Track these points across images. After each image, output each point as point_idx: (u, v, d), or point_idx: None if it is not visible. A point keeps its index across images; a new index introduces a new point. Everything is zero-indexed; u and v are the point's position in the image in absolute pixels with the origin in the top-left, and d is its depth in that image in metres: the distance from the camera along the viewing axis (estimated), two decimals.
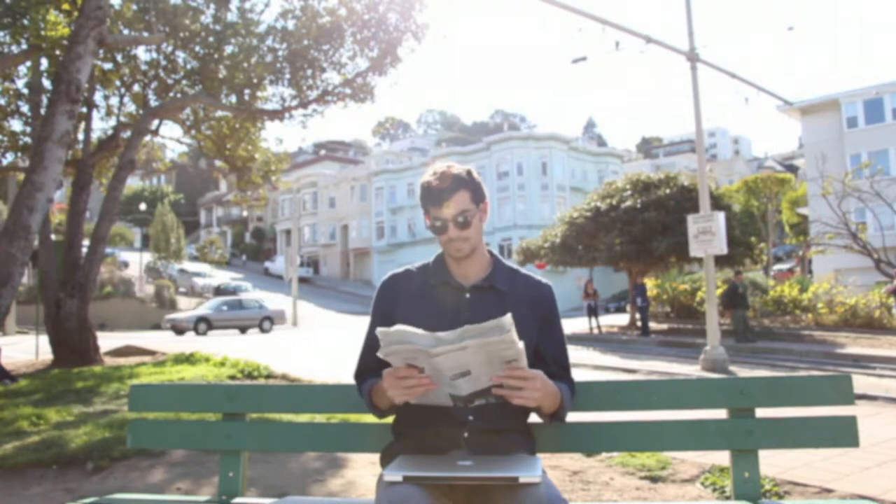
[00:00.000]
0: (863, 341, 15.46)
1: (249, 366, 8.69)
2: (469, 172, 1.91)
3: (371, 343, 1.97)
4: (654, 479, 3.87)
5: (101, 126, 25.54)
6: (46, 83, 11.01)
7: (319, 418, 4.46)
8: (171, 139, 16.49)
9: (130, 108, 13.24)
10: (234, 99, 12.45)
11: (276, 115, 12.50)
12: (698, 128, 12.77)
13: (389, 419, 1.99)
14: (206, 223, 73.43)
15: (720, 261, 17.88)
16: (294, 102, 12.54)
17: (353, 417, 3.11)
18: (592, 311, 21.16)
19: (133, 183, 62.16)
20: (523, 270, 2.03)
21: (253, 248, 66.80)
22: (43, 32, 9.26)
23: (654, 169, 51.35)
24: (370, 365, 1.93)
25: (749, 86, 14.90)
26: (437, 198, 1.86)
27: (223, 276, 43.53)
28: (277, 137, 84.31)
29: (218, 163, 15.27)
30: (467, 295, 1.92)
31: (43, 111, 9.22)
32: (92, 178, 11.90)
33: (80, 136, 11.78)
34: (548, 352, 1.96)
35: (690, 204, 17.36)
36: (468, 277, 1.95)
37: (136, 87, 12.99)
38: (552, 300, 1.99)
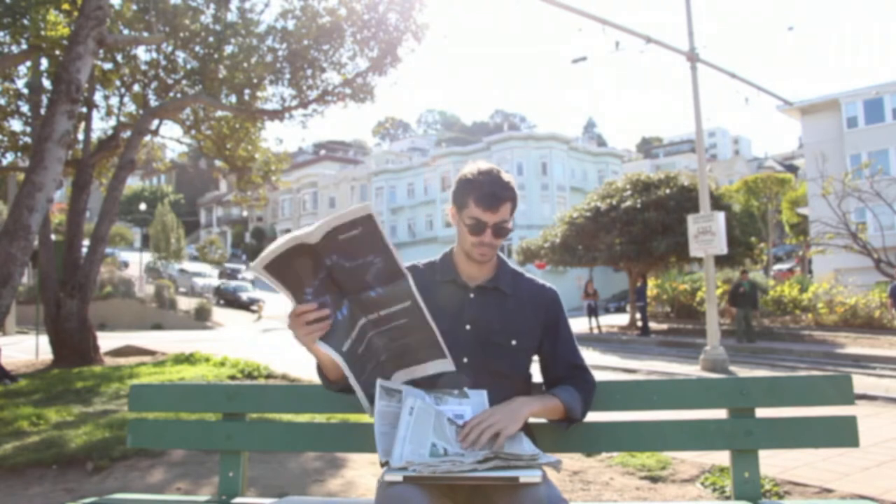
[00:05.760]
0: (863, 341, 15.46)
1: (249, 366, 8.69)
2: (513, 182, 1.89)
3: None
4: (654, 479, 3.87)
5: (101, 126, 25.55)
6: (46, 83, 11.00)
7: (319, 418, 4.46)
8: (171, 139, 16.48)
9: (130, 108, 13.24)
10: (234, 99, 12.45)
11: (276, 115, 12.50)
12: (698, 128, 12.76)
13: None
14: (206, 223, 73.39)
15: (720, 261, 17.88)
16: (294, 102, 12.54)
17: (353, 417, 3.11)
18: (592, 311, 21.18)
19: (133, 183, 62.12)
20: (528, 274, 2.03)
21: (253, 248, 66.76)
22: (43, 32, 9.25)
23: (654, 169, 51.33)
24: None
25: (749, 86, 14.90)
26: (487, 199, 1.82)
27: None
28: (277, 137, 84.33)
29: (218, 163, 15.26)
30: (471, 295, 1.93)
31: (43, 111, 9.22)
32: (92, 178, 11.90)
33: (80, 136, 11.78)
34: (558, 355, 1.96)
35: (690, 204, 17.36)
36: (474, 278, 1.95)
37: (136, 87, 12.98)
38: (558, 304, 2.00)
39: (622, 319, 24.45)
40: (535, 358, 2.00)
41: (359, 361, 1.64)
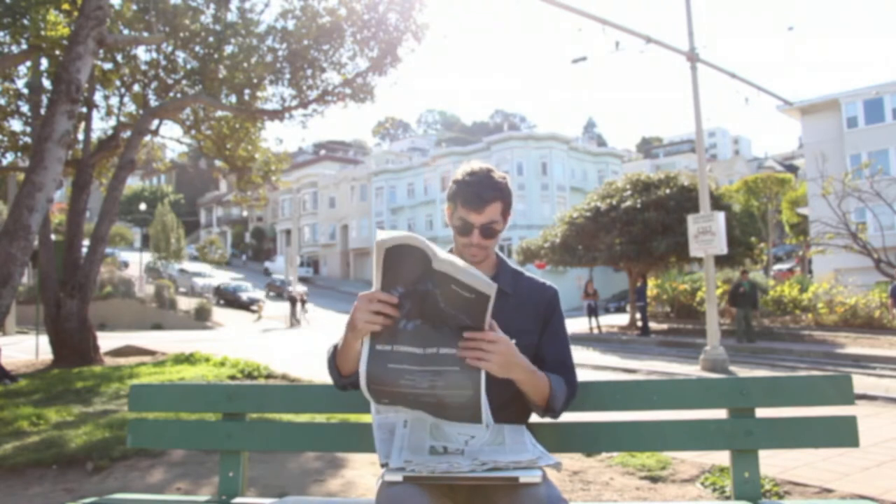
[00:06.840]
0: (863, 341, 15.46)
1: (249, 366, 8.69)
2: (506, 182, 1.88)
3: None
4: (654, 479, 3.87)
5: (101, 126, 25.56)
6: (46, 83, 11.01)
7: (319, 418, 4.46)
8: (171, 139, 16.47)
9: (130, 108, 13.25)
10: (234, 99, 12.45)
11: (276, 115, 12.50)
12: (698, 128, 12.76)
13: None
14: (206, 223, 73.43)
15: (720, 261, 17.88)
16: (294, 102, 12.55)
17: (353, 417, 3.11)
18: (592, 311, 21.18)
19: (133, 183, 62.16)
20: (528, 273, 2.03)
21: (253, 248, 66.81)
22: (43, 32, 9.26)
23: (654, 169, 51.37)
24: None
25: (749, 86, 14.89)
26: (472, 201, 1.83)
27: (223, 276, 43.53)
28: (277, 137, 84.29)
29: (218, 163, 15.27)
30: None
31: (43, 111, 9.22)
32: (92, 178, 11.90)
33: (80, 136, 11.78)
34: (549, 353, 1.94)
35: (690, 204, 17.36)
36: None
37: (136, 87, 12.99)
38: (556, 302, 1.99)
39: (622, 319, 24.46)
40: None
41: (381, 365, 1.57)
